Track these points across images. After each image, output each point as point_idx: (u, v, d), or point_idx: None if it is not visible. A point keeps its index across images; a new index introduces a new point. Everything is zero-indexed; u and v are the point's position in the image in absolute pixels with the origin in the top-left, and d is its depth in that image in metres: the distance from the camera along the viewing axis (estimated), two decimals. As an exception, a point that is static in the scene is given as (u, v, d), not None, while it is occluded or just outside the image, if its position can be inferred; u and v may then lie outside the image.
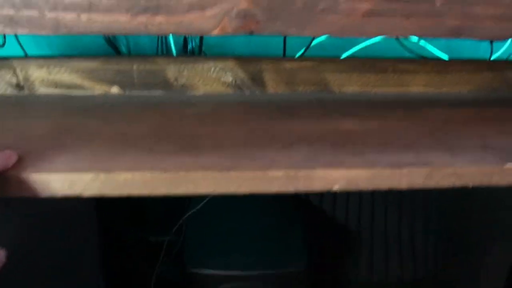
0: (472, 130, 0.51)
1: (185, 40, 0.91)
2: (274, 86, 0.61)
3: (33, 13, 0.39)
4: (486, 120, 0.55)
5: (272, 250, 0.72)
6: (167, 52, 0.81)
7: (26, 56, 0.60)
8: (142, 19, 0.39)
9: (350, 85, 0.62)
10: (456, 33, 0.44)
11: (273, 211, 0.82)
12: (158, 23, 0.39)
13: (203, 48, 0.86)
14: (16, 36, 0.79)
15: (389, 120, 0.53)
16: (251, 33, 0.39)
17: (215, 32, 0.39)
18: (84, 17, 0.40)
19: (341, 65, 0.61)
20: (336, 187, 0.41)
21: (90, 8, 0.39)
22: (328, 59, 0.62)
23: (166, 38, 0.91)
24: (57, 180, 0.39)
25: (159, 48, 0.90)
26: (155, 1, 0.38)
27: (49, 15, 0.39)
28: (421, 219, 0.88)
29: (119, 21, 0.39)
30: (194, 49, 0.89)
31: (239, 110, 0.56)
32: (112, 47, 0.89)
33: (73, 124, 0.51)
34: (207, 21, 0.39)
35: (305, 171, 0.41)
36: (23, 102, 0.58)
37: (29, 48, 0.81)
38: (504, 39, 0.63)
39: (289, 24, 0.38)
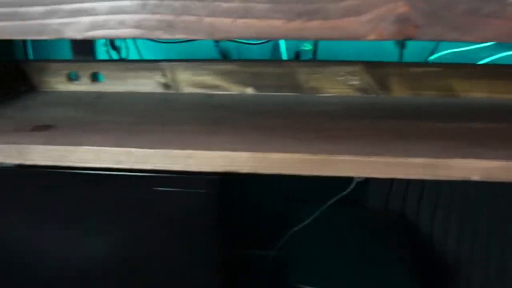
0: None
1: (297, 53, 0.96)
2: (399, 90, 0.64)
3: (191, 18, 0.40)
4: None
5: (381, 274, 0.70)
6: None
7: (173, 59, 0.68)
8: (297, 24, 0.39)
9: (475, 91, 0.63)
10: None
11: (382, 234, 0.80)
12: (313, 27, 0.39)
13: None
14: (136, 45, 0.88)
15: (520, 123, 0.54)
16: (408, 38, 0.38)
17: (371, 37, 0.38)
18: (240, 22, 0.40)
19: (466, 71, 0.63)
20: (474, 177, 0.43)
21: (246, 13, 0.40)
22: (453, 65, 0.63)
23: (279, 49, 0.96)
24: (219, 158, 0.45)
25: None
26: (312, 5, 0.38)
27: (206, 20, 0.40)
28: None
29: (273, 26, 0.40)
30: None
31: (368, 110, 0.60)
32: (223, 57, 0.96)
33: (219, 117, 0.57)
34: (362, 26, 0.38)
35: (445, 160, 0.43)
36: (171, 99, 0.66)
37: (146, 56, 0.90)
38: None
39: (450, 29, 0.37)
